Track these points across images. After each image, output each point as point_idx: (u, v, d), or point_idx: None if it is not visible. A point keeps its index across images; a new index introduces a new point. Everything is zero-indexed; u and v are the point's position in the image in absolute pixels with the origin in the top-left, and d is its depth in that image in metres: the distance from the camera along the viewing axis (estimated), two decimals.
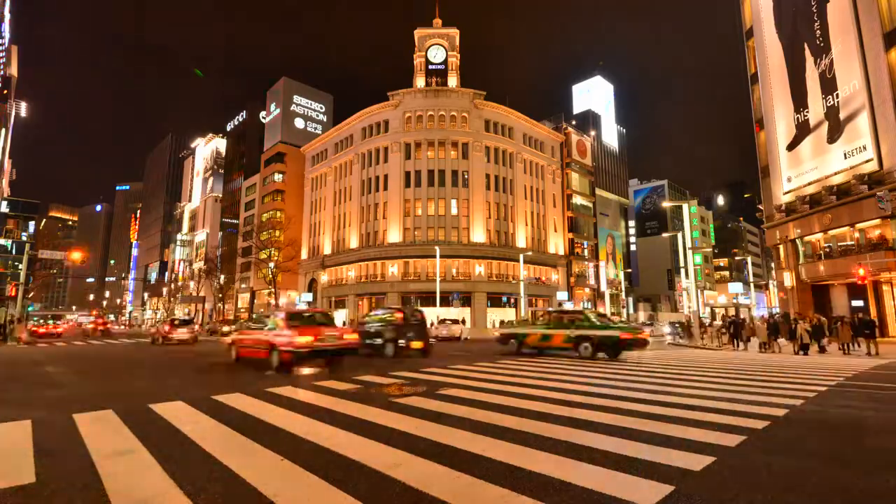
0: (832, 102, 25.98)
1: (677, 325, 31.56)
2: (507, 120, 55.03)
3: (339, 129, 60.19)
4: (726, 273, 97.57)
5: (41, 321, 38.94)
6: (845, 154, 25.15)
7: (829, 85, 26.19)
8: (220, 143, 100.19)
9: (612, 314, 62.77)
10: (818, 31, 26.73)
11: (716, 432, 5.07)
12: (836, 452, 4.41)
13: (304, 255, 62.13)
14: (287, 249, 57.28)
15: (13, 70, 39.41)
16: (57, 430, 5.28)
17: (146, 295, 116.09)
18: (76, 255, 34.86)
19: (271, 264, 53.76)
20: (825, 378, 10.18)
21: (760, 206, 34.10)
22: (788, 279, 30.13)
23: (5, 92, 36.95)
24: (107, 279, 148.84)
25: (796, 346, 17.84)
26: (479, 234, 49.83)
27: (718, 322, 36.75)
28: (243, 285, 75.88)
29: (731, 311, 68.10)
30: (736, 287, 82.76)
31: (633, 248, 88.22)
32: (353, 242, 53.33)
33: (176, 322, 26.56)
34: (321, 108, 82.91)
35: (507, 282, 50.17)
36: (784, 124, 29.73)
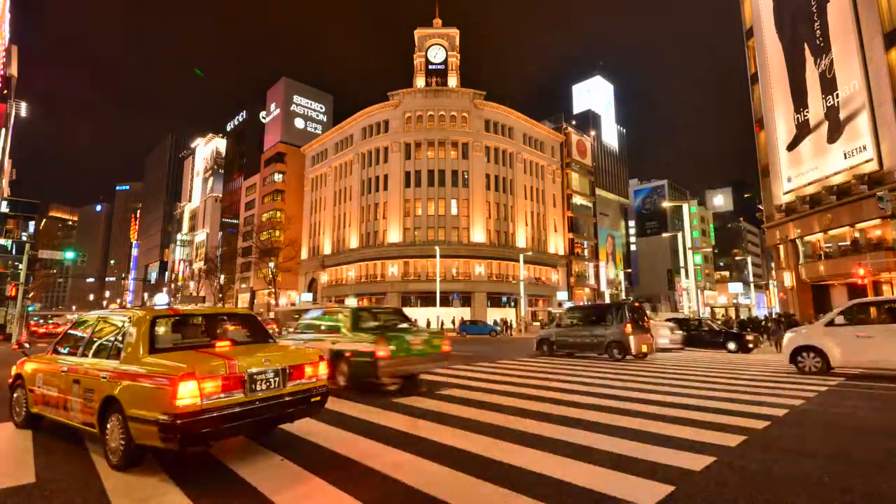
0: (832, 102, 25.96)
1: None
2: (507, 120, 55.03)
3: (339, 129, 60.20)
4: (726, 273, 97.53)
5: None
6: (845, 154, 25.13)
7: (829, 85, 26.17)
8: (220, 143, 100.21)
9: None
10: (818, 31, 26.71)
11: (716, 432, 5.07)
12: (836, 452, 4.41)
13: (304, 255, 62.14)
14: (287, 249, 57.32)
15: (13, 70, 39.39)
16: (57, 430, 5.28)
17: (146, 295, 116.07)
18: (72, 255, 34.87)
19: (271, 264, 53.77)
20: (825, 378, 10.18)
21: (760, 206, 34.09)
22: (788, 279, 30.11)
23: (5, 92, 36.95)
24: (107, 279, 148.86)
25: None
26: (479, 234, 49.83)
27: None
28: (243, 285, 75.88)
29: (732, 312, 68.09)
30: (736, 287, 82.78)
31: (633, 248, 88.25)
32: (353, 242, 53.32)
33: None
34: (321, 108, 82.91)
35: (507, 282, 50.16)
36: (784, 124, 29.72)
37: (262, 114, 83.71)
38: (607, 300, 65.69)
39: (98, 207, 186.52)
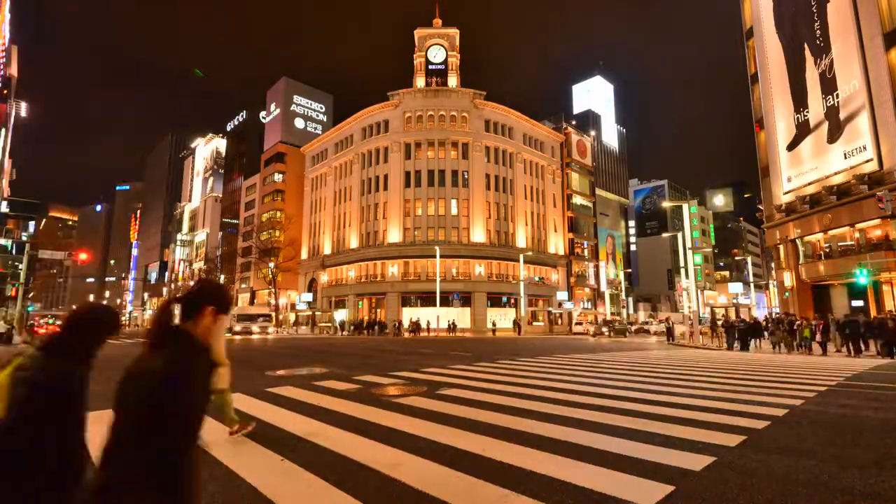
0: (832, 102, 25.96)
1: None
2: (507, 120, 55.00)
3: (338, 129, 60.17)
4: (726, 273, 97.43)
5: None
6: (845, 154, 25.13)
7: (829, 85, 26.17)
8: (220, 143, 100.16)
9: (613, 314, 62.83)
10: (818, 31, 26.71)
11: (716, 432, 5.07)
12: (835, 452, 4.41)
13: (304, 255, 62.13)
14: (287, 249, 57.29)
15: (13, 70, 39.39)
16: None
17: (146, 295, 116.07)
18: (83, 256, 35.04)
19: (271, 264, 53.76)
20: (825, 378, 10.18)
21: (760, 206, 34.07)
22: (788, 279, 30.11)
23: (5, 92, 36.93)
24: (107, 279, 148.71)
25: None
26: (479, 234, 49.80)
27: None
28: (243, 285, 75.87)
29: (732, 313, 68.05)
30: (736, 287, 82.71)
31: (633, 248, 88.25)
32: (353, 242, 53.29)
33: None
34: (321, 108, 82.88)
35: (507, 282, 50.14)
36: (784, 124, 29.72)
37: (262, 114, 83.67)
38: (607, 300, 65.70)
39: (98, 207, 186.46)
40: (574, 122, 74.55)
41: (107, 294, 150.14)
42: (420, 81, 54.64)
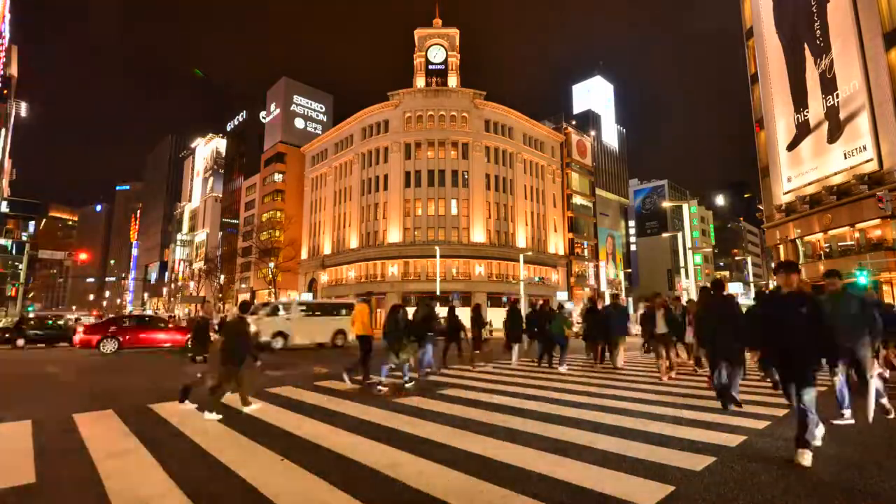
0: (832, 102, 25.96)
1: None
2: (506, 120, 55.00)
3: (338, 129, 60.18)
4: (726, 273, 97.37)
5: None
6: (845, 154, 25.13)
7: (829, 85, 26.17)
8: (220, 143, 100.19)
9: None
10: (818, 31, 26.71)
11: (716, 432, 5.07)
12: (836, 452, 4.41)
13: (304, 255, 62.14)
14: (287, 249, 57.31)
15: (13, 70, 39.39)
16: (57, 430, 5.28)
17: (146, 295, 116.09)
18: (83, 256, 35.22)
19: (271, 264, 53.77)
20: (825, 378, 10.17)
21: (760, 206, 34.08)
22: None
23: (5, 92, 36.92)
24: (107, 279, 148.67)
25: None
26: (479, 234, 49.81)
27: None
28: (243, 285, 75.88)
29: None
30: (736, 287, 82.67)
31: (633, 248, 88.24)
32: (353, 242, 53.30)
33: None
34: (321, 108, 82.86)
35: (507, 282, 50.15)
36: (784, 124, 29.72)
37: (262, 114, 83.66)
38: (607, 300, 65.70)
39: (98, 207, 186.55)
40: (574, 122, 74.49)
41: (107, 294, 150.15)
42: (420, 81, 54.64)
